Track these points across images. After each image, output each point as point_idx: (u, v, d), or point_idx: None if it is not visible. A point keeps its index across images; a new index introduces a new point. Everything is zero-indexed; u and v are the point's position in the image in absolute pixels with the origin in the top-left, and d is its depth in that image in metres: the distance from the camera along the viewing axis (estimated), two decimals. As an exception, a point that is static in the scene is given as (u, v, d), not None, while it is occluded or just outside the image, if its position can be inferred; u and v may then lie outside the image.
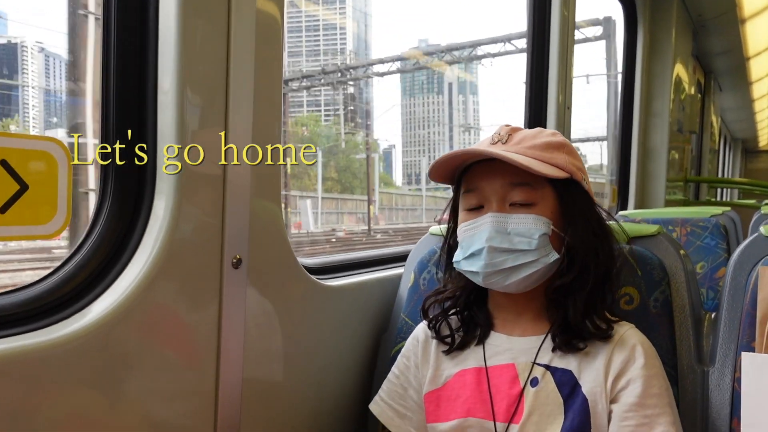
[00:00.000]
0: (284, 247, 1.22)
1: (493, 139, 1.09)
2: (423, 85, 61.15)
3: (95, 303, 0.96)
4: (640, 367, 1.00)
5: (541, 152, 1.05)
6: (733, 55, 5.61)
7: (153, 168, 1.03)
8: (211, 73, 1.06)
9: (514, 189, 1.03)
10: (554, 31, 2.68)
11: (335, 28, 55.82)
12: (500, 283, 1.04)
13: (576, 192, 1.07)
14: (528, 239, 1.01)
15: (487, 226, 1.02)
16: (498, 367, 1.08)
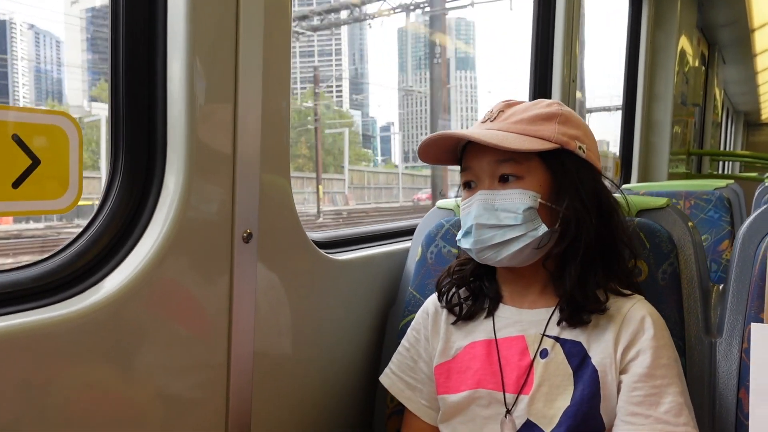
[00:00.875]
0: (294, 222, 1.22)
1: (485, 116, 1.10)
2: (420, 61, 60.26)
3: (108, 278, 0.96)
4: (649, 338, 1.01)
5: (526, 126, 1.04)
6: (738, 27, 5.55)
7: (163, 143, 1.02)
8: (220, 46, 1.05)
9: (501, 165, 1.03)
10: (560, 5, 2.66)
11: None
12: (493, 259, 1.05)
13: (569, 162, 1.05)
14: (514, 214, 1.01)
15: (476, 203, 1.04)
16: (508, 339, 1.08)
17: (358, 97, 51.22)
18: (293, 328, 1.25)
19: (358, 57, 60.15)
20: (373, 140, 42.03)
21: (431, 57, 40.55)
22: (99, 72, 17.88)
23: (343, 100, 49.30)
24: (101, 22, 22.66)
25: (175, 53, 1.02)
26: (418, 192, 32.01)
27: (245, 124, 1.09)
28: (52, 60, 21.16)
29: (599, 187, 1.09)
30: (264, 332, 1.17)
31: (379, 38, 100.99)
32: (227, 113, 1.07)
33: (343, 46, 52.38)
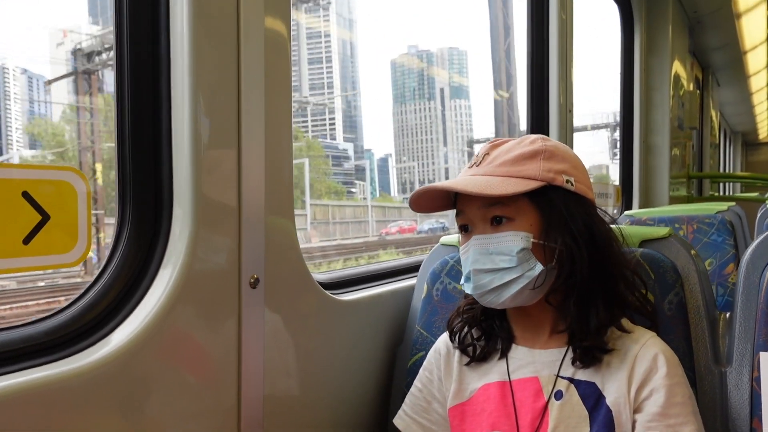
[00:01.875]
0: (299, 264, 1.23)
1: (471, 163, 1.11)
2: (414, 92, 60.51)
3: (117, 330, 0.97)
4: (662, 376, 1.00)
5: (510, 167, 1.04)
6: (730, 50, 5.62)
7: (170, 192, 1.04)
8: (223, 95, 1.07)
9: (490, 208, 1.04)
10: (553, 34, 2.70)
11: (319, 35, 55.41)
12: (495, 302, 1.05)
13: (557, 198, 1.05)
14: (508, 257, 1.02)
15: (472, 249, 1.05)
16: (521, 380, 1.08)
17: (352, 128, 51.28)
18: (302, 370, 1.25)
19: (351, 87, 60.46)
20: (369, 172, 41.70)
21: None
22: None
23: (336, 132, 49.44)
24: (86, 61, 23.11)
25: (179, 101, 1.04)
26: (387, 225, 30.56)
27: (249, 168, 1.11)
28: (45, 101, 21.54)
29: (591, 218, 1.07)
30: (273, 376, 1.17)
31: (372, 71, 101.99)
32: (231, 159, 1.09)
33: (334, 78, 52.90)
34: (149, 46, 1.05)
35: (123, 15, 1.03)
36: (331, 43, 52.93)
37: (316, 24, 48.63)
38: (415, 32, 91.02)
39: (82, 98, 13.55)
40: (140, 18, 1.04)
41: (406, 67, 60.30)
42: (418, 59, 62.38)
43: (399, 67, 59.35)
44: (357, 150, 52.82)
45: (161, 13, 1.04)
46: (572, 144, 2.85)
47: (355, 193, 29.44)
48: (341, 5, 56.60)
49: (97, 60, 13.53)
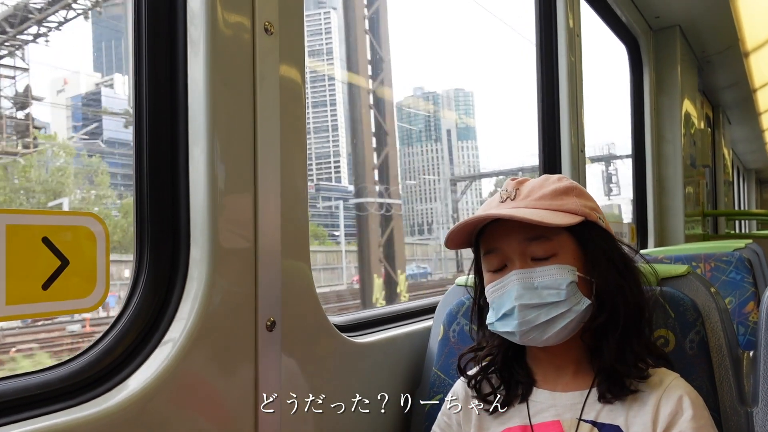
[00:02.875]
0: (315, 306, 1.22)
1: (501, 196, 1.09)
2: (420, 133, 60.80)
3: (133, 375, 0.96)
4: (688, 419, 0.98)
5: (550, 201, 1.04)
6: (740, 88, 5.65)
7: (187, 236, 1.04)
8: (239, 141, 1.09)
9: (531, 244, 1.02)
10: (563, 76, 2.73)
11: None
12: (538, 339, 1.02)
13: (594, 232, 1.06)
14: (556, 290, 1.00)
15: (514, 284, 1.01)
16: (544, 424, 1.05)
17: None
18: (319, 413, 1.24)
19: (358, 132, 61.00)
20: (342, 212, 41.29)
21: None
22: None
23: (341, 175, 49.52)
24: (85, 108, 23.35)
25: (196, 147, 1.05)
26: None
27: (265, 211, 1.11)
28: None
29: (624, 255, 1.09)
30: (290, 421, 1.16)
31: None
32: (247, 203, 1.10)
33: (339, 120, 53.36)
34: (167, 93, 1.07)
35: (142, 63, 1.05)
36: (335, 85, 53.66)
37: (320, 67, 49.32)
38: (421, 74, 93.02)
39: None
40: (158, 66, 1.06)
41: (412, 108, 60.72)
42: (424, 101, 62.77)
43: (405, 109, 59.84)
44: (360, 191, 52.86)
45: (179, 62, 1.07)
46: (585, 184, 2.85)
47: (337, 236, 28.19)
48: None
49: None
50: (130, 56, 1.09)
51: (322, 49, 49.02)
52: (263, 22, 1.12)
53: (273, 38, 1.14)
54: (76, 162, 17.71)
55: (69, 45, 21.91)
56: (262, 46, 1.12)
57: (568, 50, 2.72)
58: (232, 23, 1.08)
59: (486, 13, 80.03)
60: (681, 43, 4.20)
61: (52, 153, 16.64)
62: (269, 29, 1.13)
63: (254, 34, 1.11)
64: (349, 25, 15.71)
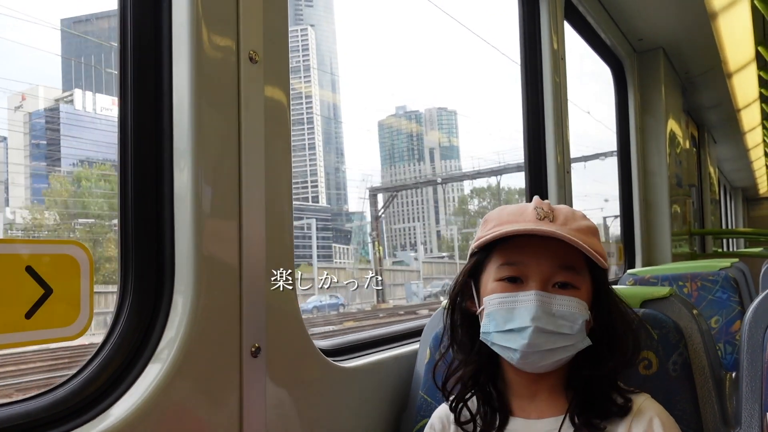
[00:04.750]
0: (301, 331, 1.22)
1: (538, 214, 1.04)
2: (403, 153, 60.48)
3: (117, 404, 0.96)
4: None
5: (585, 237, 1.03)
6: (724, 108, 5.73)
7: (171, 263, 1.05)
8: (225, 164, 1.09)
9: (560, 271, 1.01)
10: (548, 97, 2.76)
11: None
12: (535, 364, 1.01)
13: (603, 276, 1.07)
14: (571, 324, 0.99)
15: (533, 303, 0.98)
16: None
17: (338, 192, 51.02)
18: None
19: (335, 151, 60.52)
20: (351, 235, 40.57)
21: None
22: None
23: (319, 195, 49.28)
24: (42, 124, 22.72)
25: (181, 164, 1.06)
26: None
27: (250, 237, 1.12)
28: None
29: (619, 300, 1.09)
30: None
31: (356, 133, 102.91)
32: (233, 228, 1.10)
33: (316, 139, 53.03)
34: (152, 115, 1.08)
35: (126, 85, 1.06)
36: (313, 103, 53.15)
37: (298, 86, 49.10)
38: (403, 93, 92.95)
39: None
40: (143, 87, 1.07)
41: (394, 128, 60.61)
42: (406, 120, 62.82)
43: (386, 129, 59.62)
44: (340, 213, 52.34)
45: (164, 82, 1.08)
46: (572, 204, 2.87)
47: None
48: (323, 67, 57.04)
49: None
50: (115, 80, 1.10)
51: (299, 66, 48.72)
52: (248, 50, 1.13)
53: (258, 66, 1.15)
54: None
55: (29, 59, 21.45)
56: (247, 74, 1.13)
57: (553, 72, 2.76)
58: (218, 50, 1.09)
59: (471, 35, 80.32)
60: (665, 64, 4.27)
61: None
62: (254, 58, 1.14)
63: (239, 61, 1.12)
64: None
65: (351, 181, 45.79)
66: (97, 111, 17.93)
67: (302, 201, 40.28)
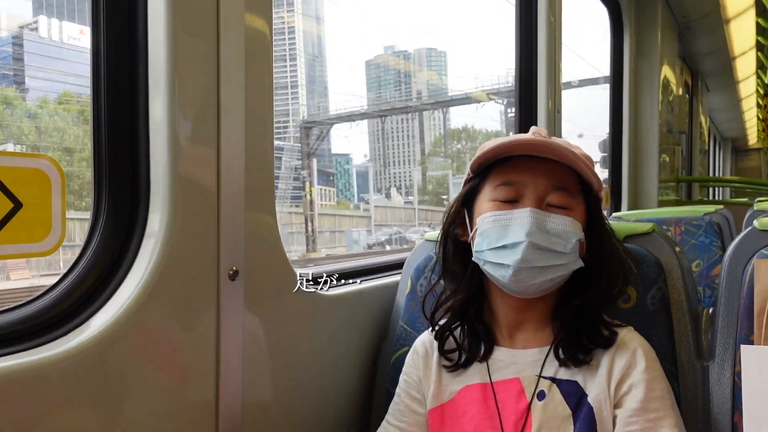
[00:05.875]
0: (281, 258, 1.21)
1: (533, 134, 1.06)
2: (390, 94, 59.07)
3: (92, 319, 0.95)
4: (641, 371, 1.00)
5: (584, 160, 1.04)
6: (719, 55, 5.66)
7: (147, 181, 1.02)
8: (202, 92, 1.06)
9: (554, 191, 1.02)
10: (541, 37, 2.71)
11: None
12: (526, 282, 0.99)
13: (596, 201, 1.08)
14: (564, 241, 0.99)
15: (528, 219, 0.98)
16: (503, 382, 1.06)
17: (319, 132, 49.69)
18: (283, 365, 1.24)
19: (318, 89, 58.82)
20: (338, 178, 39.50)
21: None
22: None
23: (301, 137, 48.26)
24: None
25: (157, 93, 1.03)
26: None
27: (228, 163, 1.09)
28: None
29: (609, 227, 1.12)
30: (253, 371, 1.16)
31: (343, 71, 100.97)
32: (210, 152, 1.07)
33: (299, 77, 51.53)
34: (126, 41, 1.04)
35: (99, 12, 1.01)
36: (296, 39, 51.15)
37: (280, 18, 47.21)
38: (392, 31, 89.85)
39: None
40: (117, 9, 1.02)
41: (382, 68, 59.09)
42: (395, 59, 61.31)
43: (374, 68, 58.12)
44: (321, 153, 50.96)
45: (139, 9, 1.03)
46: (560, 145, 2.84)
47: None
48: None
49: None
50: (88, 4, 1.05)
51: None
52: (227, -36, 1.08)
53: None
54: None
55: (-14, -18, 19.69)
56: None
57: (548, 10, 2.69)
58: (196, -35, 1.04)
59: (469, -27, 78.10)
60: (662, 7, 4.18)
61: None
62: (234, -28, 1.09)
63: (218, -22, 1.07)
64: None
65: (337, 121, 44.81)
66: (63, 40, 17.04)
67: (283, 141, 39.85)
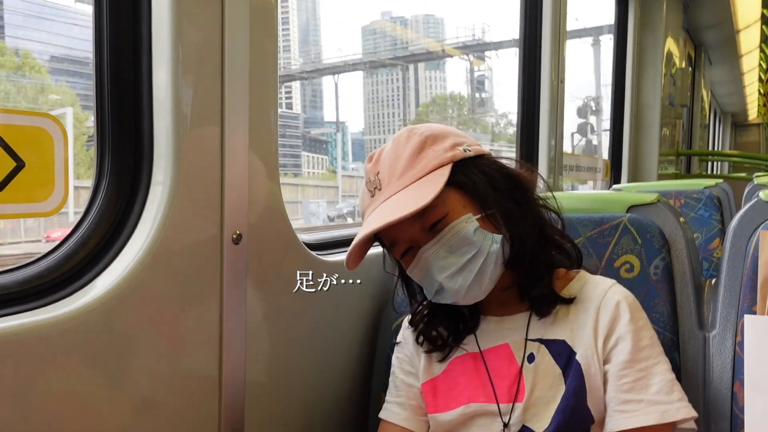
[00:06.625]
0: (284, 224, 1.21)
1: (369, 190, 1.03)
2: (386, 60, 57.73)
3: (96, 280, 0.95)
4: (626, 323, 0.99)
5: (412, 171, 0.99)
6: (723, 28, 5.60)
7: (150, 143, 1.01)
8: (207, 54, 1.04)
9: (423, 219, 0.98)
10: (546, 6, 2.67)
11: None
12: (479, 295, 1.00)
13: (468, 169, 1.01)
14: (467, 245, 0.97)
15: (428, 262, 0.99)
16: (492, 349, 1.06)
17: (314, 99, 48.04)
18: (285, 330, 1.24)
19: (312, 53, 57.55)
20: (332, 146, 38.47)
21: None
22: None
23: (292, 102, 46.59)
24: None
25: (161, 55, 1.01)
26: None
27: (232, 128, 1.08)
28: None
29: (503, 167, 1.05)
30: (256, 335, 1.16)
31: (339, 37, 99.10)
32: (214, 115, 1.06)
33: (292, 42, 50.40)
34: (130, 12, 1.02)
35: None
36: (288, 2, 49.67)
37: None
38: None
39: None
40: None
41: (378, 34, 57.77)
42: (391, 25, 59.90)
43: (370, 35, 56.90)
44: (314, 120, 49.60)
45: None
46: (563, 114, 2.83)
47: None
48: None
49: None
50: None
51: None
52: None
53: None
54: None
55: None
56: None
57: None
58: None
59: (472, -60, 76.78)
60: (668, -23, 4.13)
61: None
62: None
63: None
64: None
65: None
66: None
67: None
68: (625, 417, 0.96)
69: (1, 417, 0.83)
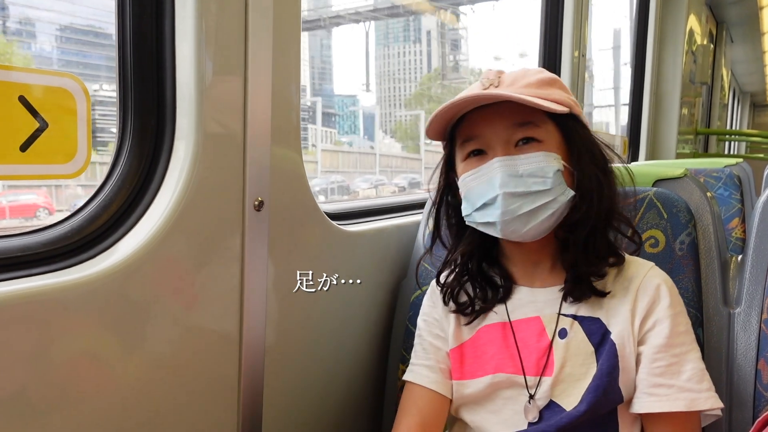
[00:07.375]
0: (305, 192, 1.20)
1: (483, 84, 1.01)
2: (399, 34, 56.75)
3: (119, 244, 0.94)
4: (666, 306, 0.98)
5: (537, 89, 0.99)
6: (747, 4, 5.49)
7: (173, 108, 1.00)
8: (230, 21, 1.02)
9: (518, 129, 0.98)
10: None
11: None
12: (519, 231, 0.98)
13: (577, 125, 1.02)
14: (542, 179, 0.96)
15: (498, 171, 0.96)
16: (523, 320, 1.05)
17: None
18: (305, 298, 1.24)
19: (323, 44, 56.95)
20: (342, 119, 37.87)
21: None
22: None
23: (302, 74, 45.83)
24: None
25: (184, 21, 0.99)
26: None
27: (255, 94, 1.06)
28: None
29: (603, 151, 1.05)
30: (275, 300, 1.16)
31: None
32: (237, 82, 1.04)
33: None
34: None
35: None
36: None
37: None
38: None
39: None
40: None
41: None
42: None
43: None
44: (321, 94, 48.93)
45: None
46: (583, 87, 2.79)
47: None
48: None
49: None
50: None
51: None
52: None
53: None
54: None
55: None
56: None
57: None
58: None
59: None
60: (693, -50, 4.03)
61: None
62: None
63: None
64: None
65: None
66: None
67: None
68: (654, 400, 0.95)
69: (21, 377, 0.83)
